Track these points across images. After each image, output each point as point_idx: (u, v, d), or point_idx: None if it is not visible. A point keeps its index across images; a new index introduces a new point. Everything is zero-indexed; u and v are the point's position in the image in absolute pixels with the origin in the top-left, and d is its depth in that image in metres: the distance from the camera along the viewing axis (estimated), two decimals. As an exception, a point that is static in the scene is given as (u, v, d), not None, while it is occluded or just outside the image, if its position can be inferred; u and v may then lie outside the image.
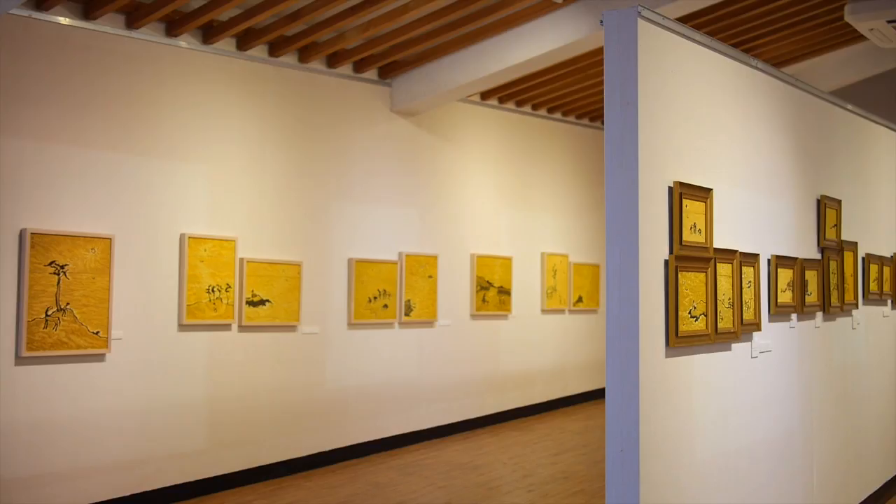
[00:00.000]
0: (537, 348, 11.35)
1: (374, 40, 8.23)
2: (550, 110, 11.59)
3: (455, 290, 10.00)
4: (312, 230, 8.36)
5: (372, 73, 9.06)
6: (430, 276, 9.55)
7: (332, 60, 8.57)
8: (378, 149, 9.14)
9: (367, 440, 8.85)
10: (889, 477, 7.11)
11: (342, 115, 8.76)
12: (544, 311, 11.46)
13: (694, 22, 8.35)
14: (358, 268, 8.72)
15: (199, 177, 7.43)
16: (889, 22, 8.10)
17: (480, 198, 10.52)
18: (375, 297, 8.89)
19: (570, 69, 9.69)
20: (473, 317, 10.27)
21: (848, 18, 8.17)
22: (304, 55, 8.26)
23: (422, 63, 8.90)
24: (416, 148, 9.62)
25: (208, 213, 7.46)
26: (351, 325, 8.69)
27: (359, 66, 8.84)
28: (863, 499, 6.48)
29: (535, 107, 11.31)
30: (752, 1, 8.48)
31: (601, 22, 4.06)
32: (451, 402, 9.94)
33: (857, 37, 10.11)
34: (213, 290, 7.35)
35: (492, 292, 10.46)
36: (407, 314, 9.26)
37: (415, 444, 9.35)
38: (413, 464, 8.47)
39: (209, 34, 7.49)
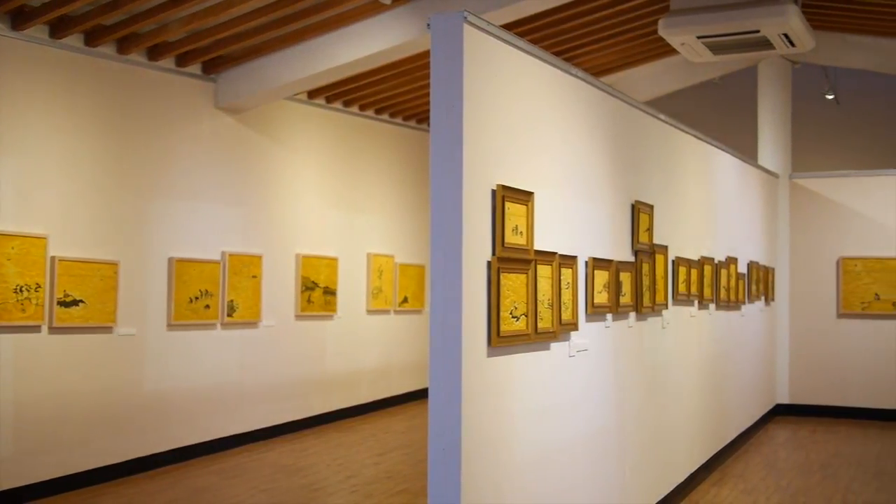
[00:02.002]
0: (363, 349, 11.35)
1: (198, 34, 8.01)
2: (378, 111, 11.62)
3: (280, 290, 9.87)
4: (130, 228, 8.05)
5: (195, 68, 8.81)
6: (254, 276, 9.38)
7: (154, 53, 8.28)
8: (201, 146, 8.90)
9: (188, 444, 8.60)
10: (693, 469, 7.51)
11: (164, 110, 8.48)
12: (370, 312, 11.48)
13: (518, 29, 8.56)
14: (178, 267, 8.46)
15: (6, 169, 7.01)
16: (699, 37, 8.54)
17: (306, 197, 10.42)
18: (197, 298, 8.66)
19: (397, 71, 9.74)
20: (298, 317, 10.17)
21: (661, 33, 8.57)
22: (124, 46, 7.95)
23: (247, 59, 8.72)
24: (242, 146, 9.43)
25: (16, 208, 7.06)
26: (170, 326, 8.42)
27: (182, 60, 8.58)
28: (670, 490, 6.82)
29: (362, 107, 11.31)
30: (574, 12, 8.78)
31: (428, 25, 4.11)
32: (275, 403, 9.80)
33: (670, 50, 10.64)
34: (21, 290, 6.97)
35: (317, 293, 10.39)
36: (230, 315, 9.06)
37: (238, 447, 9.16)
38: (236, 467, 8.30)
39: (19, 20, 7.09)
